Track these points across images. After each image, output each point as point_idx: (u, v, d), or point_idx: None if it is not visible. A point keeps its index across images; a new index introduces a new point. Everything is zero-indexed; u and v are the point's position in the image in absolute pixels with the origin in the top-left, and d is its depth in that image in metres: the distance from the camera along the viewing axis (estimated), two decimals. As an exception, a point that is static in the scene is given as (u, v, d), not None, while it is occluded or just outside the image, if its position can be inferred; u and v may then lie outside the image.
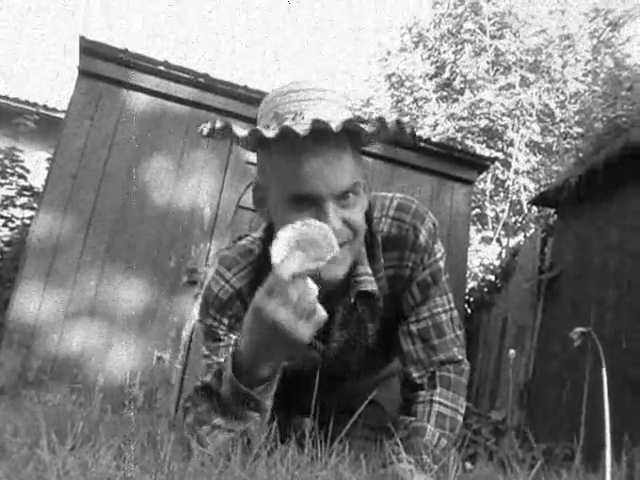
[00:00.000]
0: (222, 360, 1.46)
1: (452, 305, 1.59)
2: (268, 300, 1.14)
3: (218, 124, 1.23)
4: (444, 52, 12.42)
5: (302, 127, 1.15)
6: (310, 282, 1.13)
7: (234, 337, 1.49)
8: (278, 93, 1.29)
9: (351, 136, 1.26)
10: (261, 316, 1.15)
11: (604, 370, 1.09)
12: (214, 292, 1.49)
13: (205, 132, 1.25)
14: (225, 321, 1.49)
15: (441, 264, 1.55)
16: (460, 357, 1.58)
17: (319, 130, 1.16)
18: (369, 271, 1.46)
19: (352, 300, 1.46)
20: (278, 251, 1.12)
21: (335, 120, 1.21)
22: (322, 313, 1.15)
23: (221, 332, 1.50)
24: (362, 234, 1.35)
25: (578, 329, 1.26)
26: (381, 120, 1.21)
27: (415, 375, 1.55)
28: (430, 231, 1.50)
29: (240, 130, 1.23)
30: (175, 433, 1.40)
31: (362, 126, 1.20)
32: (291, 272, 1.10)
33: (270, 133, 1.16)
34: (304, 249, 1.13)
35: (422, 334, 1.54)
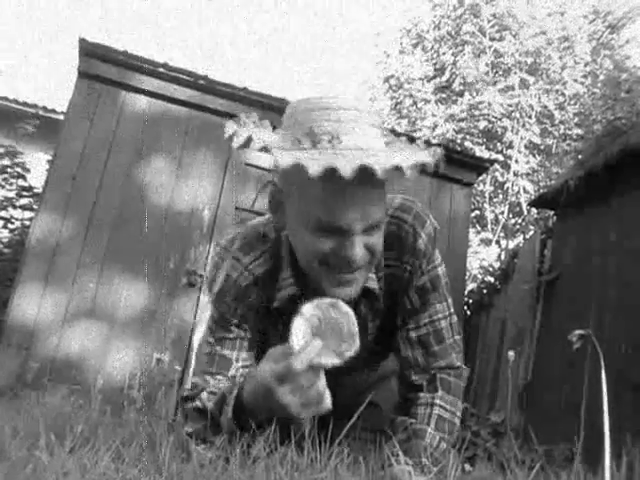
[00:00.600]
0: (225, 353, 1.47)
1: (451, 310, 1.58)
2: (278, 384, 1.15)
3: (257, 145, 1.14)
4: (443, 54, 12.43)
5: (346, 167, 1.07)
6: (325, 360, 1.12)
7: (242, 333, 1.48)
8: (314, 106, 1.20)
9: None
10: (269, 396, 1.17)
11: (603, 372, 1.09)
12: (233, 278, 1.44)
13: (236, 145, 1.16)
14: (239, 310, 1.46)
15: (439, 270, 1.54)
16: (459, 363, 1.59)
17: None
18: (372, 269, 1.42)
19: (355, 297, 1.39)
20: (298, 333, 1.10)
21: (371, 148, 1.16)
22: (328, 402, 1.17)
23: (233, 321, 1.47)
24: (379, 256, 1.32)
25: (577, 332, 1.26)
26: (423, 166, 1.16)
27: (414, 378, 1.55)
28: (430, 236, 1.47)
29: (282, 158, 1.11)
30: (174, 435, 1.40)
31: (405, 170, 1.12)
32: (307, 364, 1.09)
33: (314, 171, 1.07)
34: (325, 336, 1.11)
35: (422, 340, 1.55)
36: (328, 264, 1.24)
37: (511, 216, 11.47)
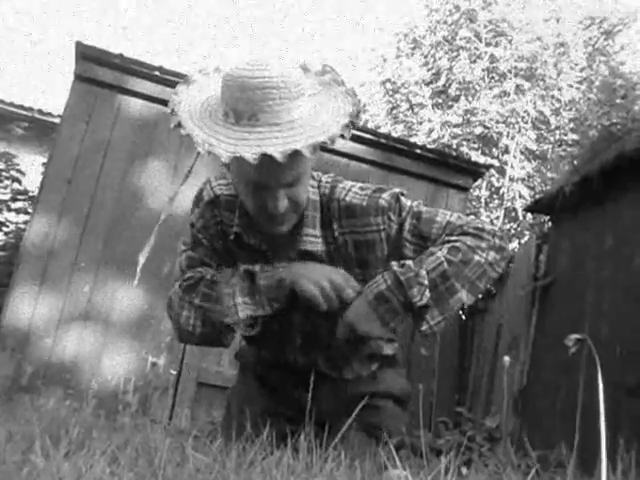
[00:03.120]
0: (196, 255, 1.75)
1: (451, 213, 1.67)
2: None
3: (173, 123, 1.41)
4: (439, 59, 12.44)
5: (251, 152, 1.31)
6: None
7: (204, 242, 1.73)
8: (240, 85, 1.38)
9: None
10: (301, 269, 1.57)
11: (600, 377, 1.09)
12: (202, 194, 1.76)
13: (172, 126, 1.42)
14: (200, 222, 1.73)
15: (416, 208, 1.62)
16: (479, 225, 1.61)
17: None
18: (317, 233, 1.59)
19: (293, 256, 1.59)
20: None
21: (287, 120, 1.37)
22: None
23: (200, 237, 1.74)
24: (304, 204, 1.55)
25: (573, 336, 1.26)
26: (324, 143, 1.36)
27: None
28: (392, 195, 1.60)
29: (199, 143, 1.36)
30: (170, 439, 1.39)
31: (302, 151, 1.33)
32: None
33: (224, 158, 1.33)
34: None
35: (441, 235, 1.60)
36: (265, 211, 1.49)
37: (507, 221, 11.48)
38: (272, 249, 1.63)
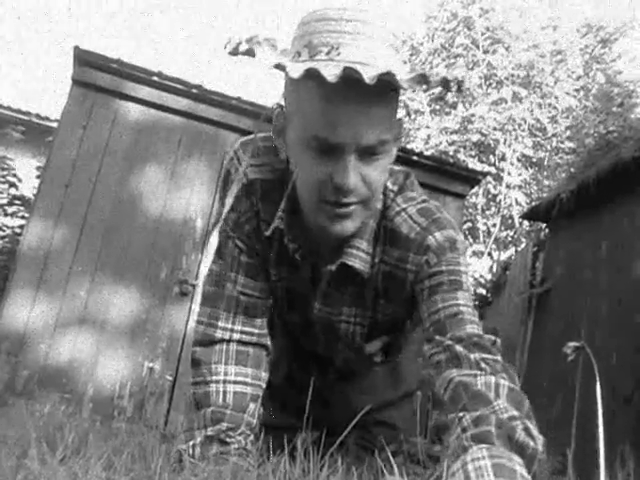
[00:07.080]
0: (227, 273, 1.39)
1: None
2: None
3: (242, 48, 1.08)
4: (437, 66, 12.49)
5: (331, 71, 0.98)
6: None
7: (241, 255, 1.38)
8: (317, 17, 1.10)
9: (388, 84, 1.04)
10: None
11: (598, 384, 1.09)
12: (229, 177, 1.39)
13: (228, 49, 1.08)
14: (232, 217, 1.37)
15: (460, 267, 1.29)
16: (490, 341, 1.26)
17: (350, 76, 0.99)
18: (365, 248, 1.30)
19: (333, 268, 1.30)
20: None
21: (373, 64, 1.05)
22: None
23: (233, 236, 1.38)
24: (378, 196, 1.22)
25: (572, 343, 1.25)
26: (425, 77, 1.05)
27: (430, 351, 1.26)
28: (448, 238, 1.29)
29: (267, 59, 1.06)
30: (166, 445, 1.39)
31: (399, 81, 1.01)
32: None
33: (295, 72, 1.01)
34: None
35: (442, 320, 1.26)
36: (326, 200, 1.15)
37: (503, 228, 11.51)
38: (308, 261, 1.34)
